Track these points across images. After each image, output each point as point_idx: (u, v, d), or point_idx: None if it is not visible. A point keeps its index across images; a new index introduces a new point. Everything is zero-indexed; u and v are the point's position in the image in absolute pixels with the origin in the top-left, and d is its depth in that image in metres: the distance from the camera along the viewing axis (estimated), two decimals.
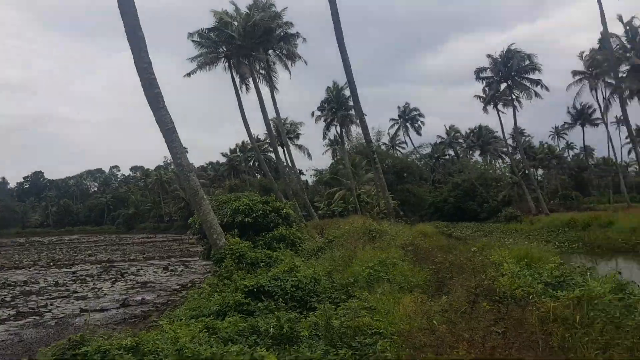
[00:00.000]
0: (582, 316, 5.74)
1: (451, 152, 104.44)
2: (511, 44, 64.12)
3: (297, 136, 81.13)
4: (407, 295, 8.16)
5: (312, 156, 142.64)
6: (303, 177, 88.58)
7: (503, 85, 65.16)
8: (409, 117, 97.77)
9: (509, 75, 63.71)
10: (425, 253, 12.90)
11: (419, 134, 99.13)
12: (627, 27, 48.95)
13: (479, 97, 69.99)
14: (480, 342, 4.25)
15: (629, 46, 48.86)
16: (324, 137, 75.33)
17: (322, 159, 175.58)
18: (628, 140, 71.72)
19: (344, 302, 9.05)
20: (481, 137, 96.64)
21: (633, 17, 48.47)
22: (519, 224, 57.25)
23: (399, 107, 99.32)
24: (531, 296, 7.14)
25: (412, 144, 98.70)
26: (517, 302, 7.02)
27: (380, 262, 10.60)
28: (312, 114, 71.67)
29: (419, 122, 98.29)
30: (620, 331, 5.89)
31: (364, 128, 36.78)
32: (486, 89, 67.53)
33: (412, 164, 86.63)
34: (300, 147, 79.02)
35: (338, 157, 78.98)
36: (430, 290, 9.14)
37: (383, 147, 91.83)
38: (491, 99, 66.75)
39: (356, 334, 6.55)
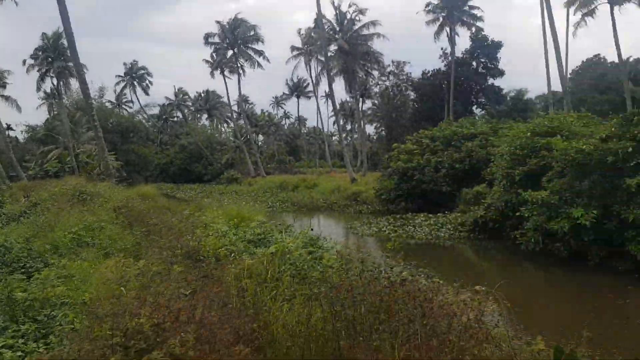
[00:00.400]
0: (273, 270, 6.27)
1: (179, 114, 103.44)
2: (238, 13, 66.04)
3: (4, 85, 69.07)
4: (110, 260, 7.72)
5: (24, 110, 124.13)
6: (12, 133, 76.35)
7: (230, 53, 66.89)
8: (136, 76, 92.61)
9: (235, 43, 65.67)
10: (139, 215, 12.45)
11: (146, 93, 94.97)
12: (337, 12, 55.21)
13: (207, 61, 70.48)
14: (165, 306, 4.24)
15: (337, 28, 55.15)
16: (38, 89, 66.17)
17: (37, 114, 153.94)
18: (333, 113, 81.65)
19: (39, 272, 8.11)
20: (209, 102, 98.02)
21: (340, 3, 54.89)
22: (239, 185, 60.47)
23: (125, 64, 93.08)
24: (233, 254, 7.50)
25: (140, 103, 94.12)
26: (219, 260, 7.30)
27: (86, 226, 9.80)
28: (24, 62, 61.98)
29: (147, 82, 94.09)
30: (305, 282, 6.62)
31: (82, 82, 33.47)
32: (214, 54, 68.41)
33: (138, 124, 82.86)
34: (6, 98, 67.58)
35: (55, 112, 70.28)
36: (139, 254, 8.84)
37: (108, 104, 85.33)
38: (218, 64, 67.91)
39: (43, 307, 5.91)
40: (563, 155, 15.27)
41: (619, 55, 40.95)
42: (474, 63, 58.88)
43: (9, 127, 75.34)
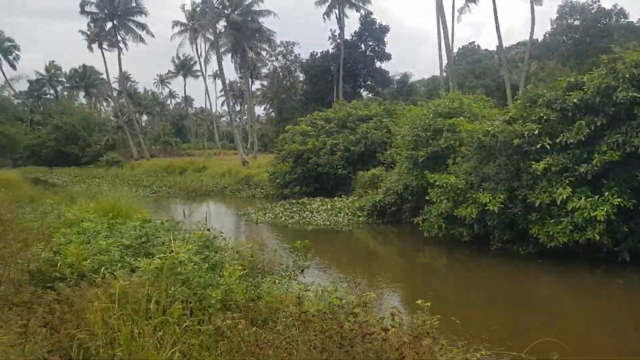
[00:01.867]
0: (158, 295, 4.61)
1: (52, 91, 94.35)
2: None
3: None
4: None
5: None
6: None
7: (109, 24, 61.48)
8: (2, 48, 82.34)
9: (115, 14, 60.42)
10: None
11: (14, 68, 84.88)
12: None
13: (83, 32, 64.23)
14: None
15: (227, 3, 52.37)
16: None
17: None
18: (222, 92, 78.44)
19: None
20: (86, 78, 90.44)
21: None
22: (121, 169, 56.19)
23: None
24: (103, 268, 5.69)
25: (5, 77, 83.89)
26: (84, 278, 5.49)
27: None
28: None
29: (15, 55, 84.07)
30: (205, 304, 5.05)
31: None
32: (91, 24, 62.43)
33: (5, 101, 74.16)
34: None
35: None
36: None
37: None
38: (96, 37, 62.11)
39: None
40: (470, 137, 14.87)
41: (500, 40, 42.80)
42: (363, 46, 59.23)
43: None
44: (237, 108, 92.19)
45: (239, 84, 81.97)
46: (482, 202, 13.44)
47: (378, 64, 59.63)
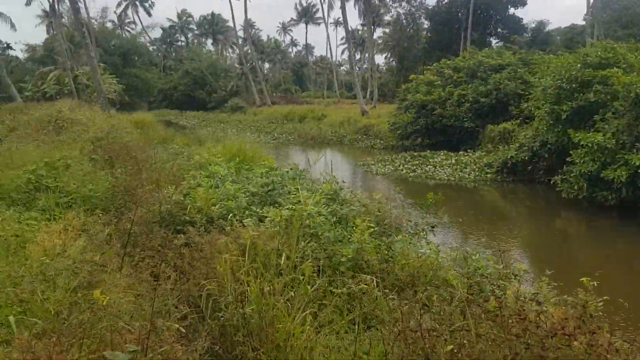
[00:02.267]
0: (288, 250, 4.27)
1: (183, 38, 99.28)
2: None
3: None
4: (69, 214, 5.72)
5: (25, 29, 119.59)
6: (12, 52, 73.04)
7: None
8: None
9: None
10: (122, 150, 10.37)
11: (149, 14, 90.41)
12: None
13: None
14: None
15: None
16: (28, 4, 62.42)
17: (37, 33, 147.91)
18: (343, 41, 77.61)
19: None
20: (214, 26, 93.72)
21: None
22: (244, 114, 58.10)
23: None
24: (231, 215, 5.49)
25: (142, 24, 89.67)
26: (213, 223, 5.33)
27: (48, 163, 7.76)
28: None
29: (150, 1, 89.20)
30: (334, 261, 4.63)
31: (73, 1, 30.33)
32: None
33: (141, 47, 79.13)
34: None
35: (54, 32, 66.80)
36: (107, 206, 6.81)
37: (109, 25, 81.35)
38: None
39: None
40: (626, 90, 12.95)
41: None
42: None
43: (7, 46, 72.12)
44: (358, 56, 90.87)
45: (360, 32, 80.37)
46: (635, 164, 11.78)
47: (511, 10, 54.92)
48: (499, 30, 56.06)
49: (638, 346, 3.70)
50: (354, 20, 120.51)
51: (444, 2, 56.22)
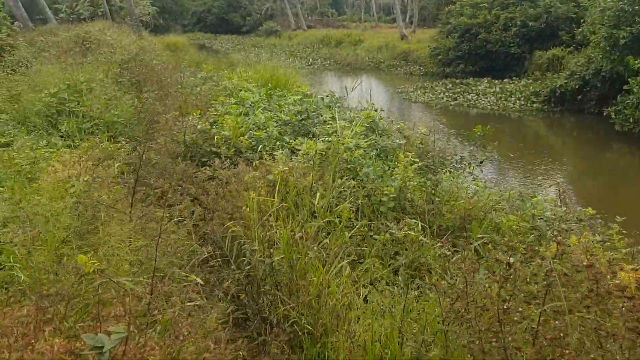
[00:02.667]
0: (324, 188, 3.79)
1: None
2: None
3: None
4: (89, 141, 5.34)
5: None
6: None
7: None
8: None
9: None
10: (150, 73, 9.87)
11: None
12: None
13: None
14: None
15: None
16: None
17: None
18: None
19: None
20: None
21: None
22: (278, 38, 56.56)
23: None
24: (261, 146, 5.00)
25: None
26: (241, 154, 4.86)
27: (69, 86, 7.33)
28: None
29: None
30: (374, 200, 4.14)
31: None
32: None
33: None
34: None
35: None
36: (136, 132, 6.41)
37: None
38: None
39: None
40: None
41: None
42: None
43: None
44: None
45: None
46: None
47: None
48: None
49: None
50: None
51: None
